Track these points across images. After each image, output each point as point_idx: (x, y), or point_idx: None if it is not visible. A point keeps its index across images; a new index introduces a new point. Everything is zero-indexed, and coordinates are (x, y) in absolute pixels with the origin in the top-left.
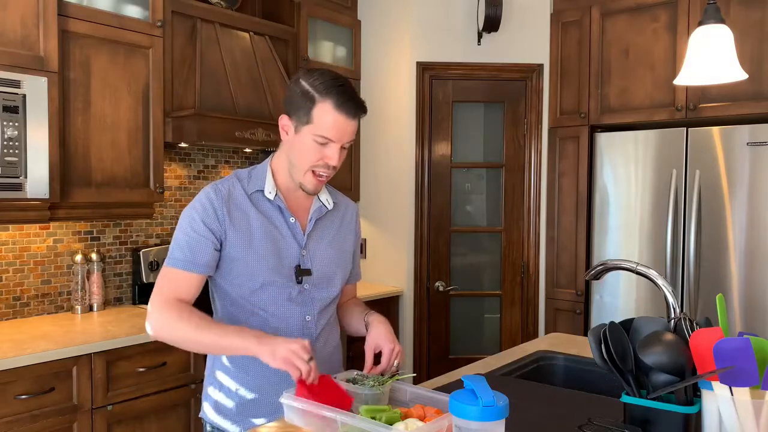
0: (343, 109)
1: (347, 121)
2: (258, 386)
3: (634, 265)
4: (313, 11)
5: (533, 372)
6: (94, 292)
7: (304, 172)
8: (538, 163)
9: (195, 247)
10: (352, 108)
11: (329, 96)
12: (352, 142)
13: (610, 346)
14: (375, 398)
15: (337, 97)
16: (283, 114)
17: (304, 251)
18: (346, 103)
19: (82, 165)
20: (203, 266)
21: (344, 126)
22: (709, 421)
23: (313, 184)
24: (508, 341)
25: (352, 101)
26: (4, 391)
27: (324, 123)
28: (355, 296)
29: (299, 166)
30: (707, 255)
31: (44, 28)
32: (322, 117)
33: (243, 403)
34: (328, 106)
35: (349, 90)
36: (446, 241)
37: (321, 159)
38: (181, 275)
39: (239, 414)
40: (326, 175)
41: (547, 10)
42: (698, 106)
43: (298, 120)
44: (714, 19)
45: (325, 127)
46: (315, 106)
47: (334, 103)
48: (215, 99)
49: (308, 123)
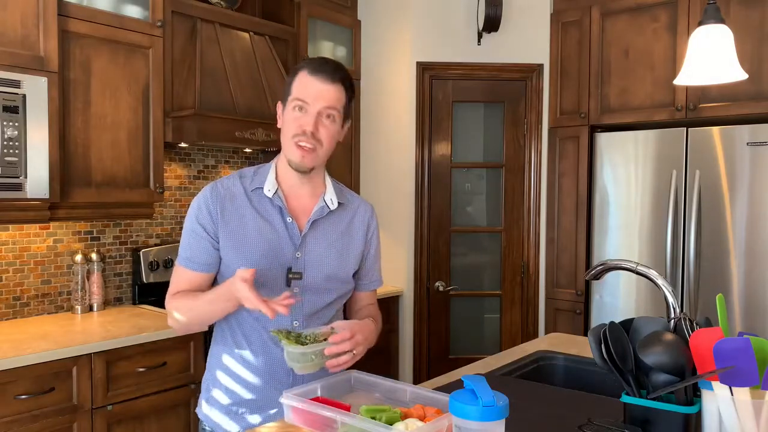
0: (317, 73)
1: (321, 84)
2: (257, 386)
3: (634, 265)
4: (313, 11)
5: (533, 372)
6: (94, 292)
7: (289, 144)
8: (538, 163)
9: (194, 246)
10: (326, 72)
11: (305, 64)
12: (333, 111)
13: (610, 346)
14: (301, 357)
15: (311, 62)
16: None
17: (298, 253)
18: (319, 66)
19: (82, 165)
20: (202, 264)
21: (318, 89)
22: (709, 421)
23: (298, 155)
24: (508, 341)
25: (326, 65)
26: (4, 391)
27: (299, 87)
28: (372, 304)
29: (284, 142)
30: (707, 255)
31: (44, 28)
32: (298, 84)
33: (241, 402)
34: (304, 72)
35: (327, 59)
36: (446, 241)
37: (299, 126)
38: (184, 273)
39: (237, 414)
40: (310, 146)
41: (547, 10)
42: (698, 106)
43: (284, 99)
44: (714, 19)
45: (300, 90)
46: (294, 78)
47: (308, 68)
48: (215, 99)
49: (289, 95)
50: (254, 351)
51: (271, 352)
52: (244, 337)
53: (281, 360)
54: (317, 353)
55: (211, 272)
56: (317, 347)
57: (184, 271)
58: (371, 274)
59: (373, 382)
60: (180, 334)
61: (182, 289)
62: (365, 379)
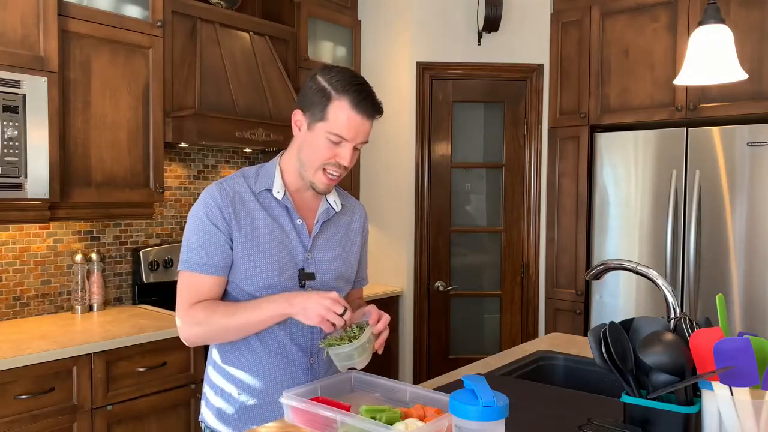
0: (360, 109)
1: (363, 120)
2: (258, 391)
3: (634, 265)
4: (313, 11)
5: (533, 372)
6: (94, 292)
7: (315, 170)
8: (538, 163)
9: (208, 247)
10: (368, 108)
11: (347, 94)
12: (365, 143)
13: (610, 346)
14: (360, 349)
15: (354, 95)
16: (296, 109)
17: (309, 254)
18: (362, 101)
19: (82, 165)
20: (220, 267)
21: (359, 126)
22: (709, 421)
23: (324, 183)
24: (508, 341)
25: (369, 100)
26: (4, 391)
27: (339, 121)
28: (360, 298)
29: (310, 164)
30: (707, 255)
31: (44, 28)
32: (337, 115)
33: (244, 408)
34: (344, 104)
35: (366, 89)
36: (446, 241)
37: (333, 158)
38: (201, 280)
39: (239, 419)
40: (337, 174)
41: (547, 10)
42: (698, 106)
43: (312, 116)
44: (714, 19)
45: (340, 125)
46: (331, 103)
47: (351, 101)
48: (215, 99)
49: (322, 120)
50: (270, 352)
51: (288, 353)
52: (260, 341)
53: (300, 362)
54: (369, 340)
55: (226, 276)
56: (367, 334)
57: (201, 278)
58: (362, 272)
59: (373, 382)
60: (193, 345)
61: (203, 298)
62: (365, 379)
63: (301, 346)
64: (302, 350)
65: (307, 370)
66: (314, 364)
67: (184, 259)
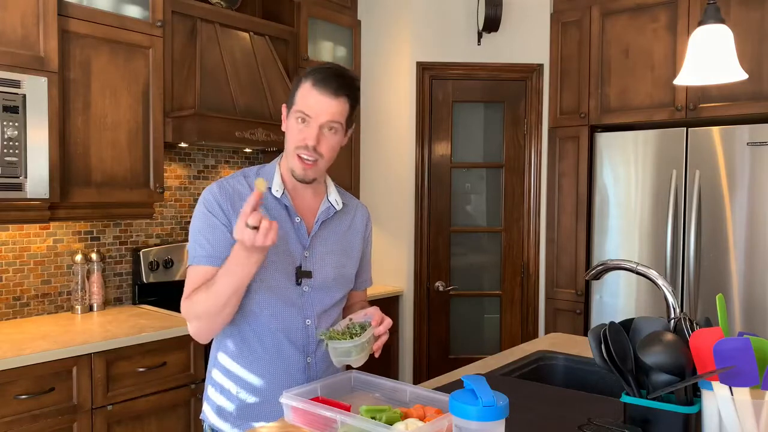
0: (321, 85)
1: (323, 98)
2: (257, 389)
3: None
4: (313, 11)
5: (533, 372)
6: (94, 292)
7: (291, 156)
8: (538, 163)
9: (213, 239)
10: (330, 85)
11: (312, 75)
12: (336, 124)
13: (610, 346)
14: (359, 348)
15: (316, 74)
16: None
17: (306, 252)
18: (324, 80)
19: (82, 165)
20: (224, 259)
21: (321, 102)
22: (709, 421)
23: (300, 168)
24: (508, 341)
25: (333, 79)
26: (4, 391)
27: (302, 99)
28: (364, 301)
29: (287, 150)
30: (707, 255)
31: (44, 28)
32: (301, 95)
33: (244, 406)
34: (308, 84)
35: (333, 70)
36: (446, 241)
37: (303, 140)
38: (204, 271)
39: (239, 417)
40: (311, 159)
41: (547, 10)
42: (698, 106)
43: (288, 106)
44: (714, 19)
45: (303, 102)
46: (299, 87)
47: (313, 79)
48: (215, 99)
49: (293, 104)
50: (266, 350)
51: (285, 352)
52: (257, 339)
53: (296, 361)
54: (369, 340)
55: None
56: (368, 334)
57: (206, 270)
58: (365, 273)
59: (373, 382)
60: (202, 340)
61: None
62: (365, 379)
63: (296, 344)
64: (298, 349)
65: (304, 370)
66: (311, 364)
67: (192, 256)
